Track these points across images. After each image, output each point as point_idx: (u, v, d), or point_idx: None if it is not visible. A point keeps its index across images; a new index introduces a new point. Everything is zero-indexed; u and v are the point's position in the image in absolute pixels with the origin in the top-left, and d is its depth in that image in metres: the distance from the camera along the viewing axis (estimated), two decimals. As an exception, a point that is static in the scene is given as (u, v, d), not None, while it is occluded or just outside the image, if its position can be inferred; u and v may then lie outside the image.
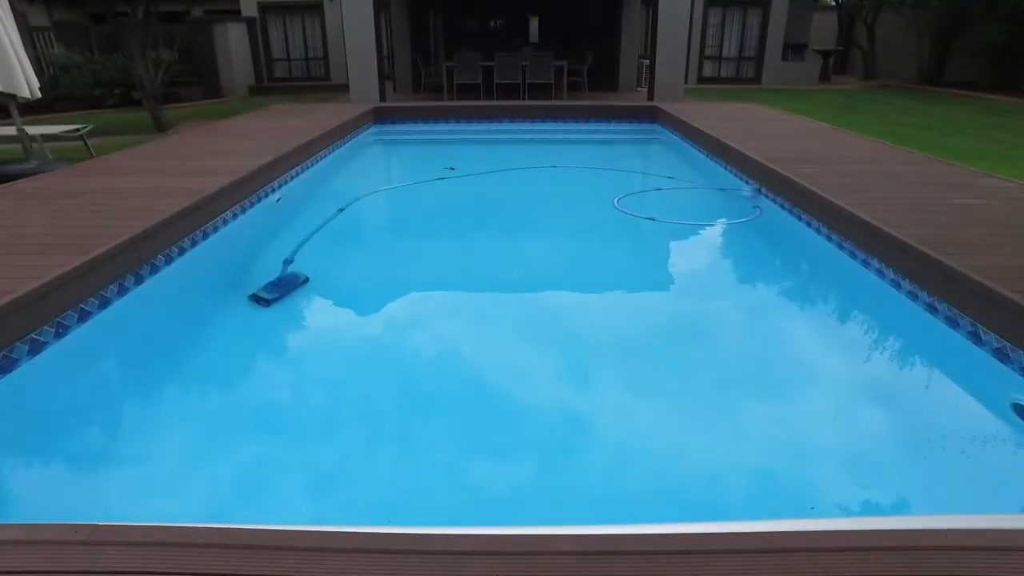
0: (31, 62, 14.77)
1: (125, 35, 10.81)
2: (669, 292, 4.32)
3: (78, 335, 3.33)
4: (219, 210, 4.93)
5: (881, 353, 3.49)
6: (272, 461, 2.49)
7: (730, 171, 6.61)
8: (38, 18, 17.76)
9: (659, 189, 6.29)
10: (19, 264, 3.41)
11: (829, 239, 4.60)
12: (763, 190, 5.72)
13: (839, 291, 4.28)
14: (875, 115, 12.49)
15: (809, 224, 4.89)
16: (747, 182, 6.02)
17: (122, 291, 3.74)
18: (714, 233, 5.34)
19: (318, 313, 3.94)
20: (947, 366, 3.24)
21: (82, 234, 3.91)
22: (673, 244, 5.21)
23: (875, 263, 4.04)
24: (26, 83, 6.45)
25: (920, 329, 3.48)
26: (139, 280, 3.90)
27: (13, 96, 6.55)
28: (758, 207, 5.47)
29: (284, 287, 3.89)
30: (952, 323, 3.31)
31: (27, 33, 16.01)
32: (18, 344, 2.99)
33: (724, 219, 5.61)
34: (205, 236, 4.68)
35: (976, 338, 3.14)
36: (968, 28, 17.78)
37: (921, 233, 3.82)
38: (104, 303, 3.59)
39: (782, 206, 5.36)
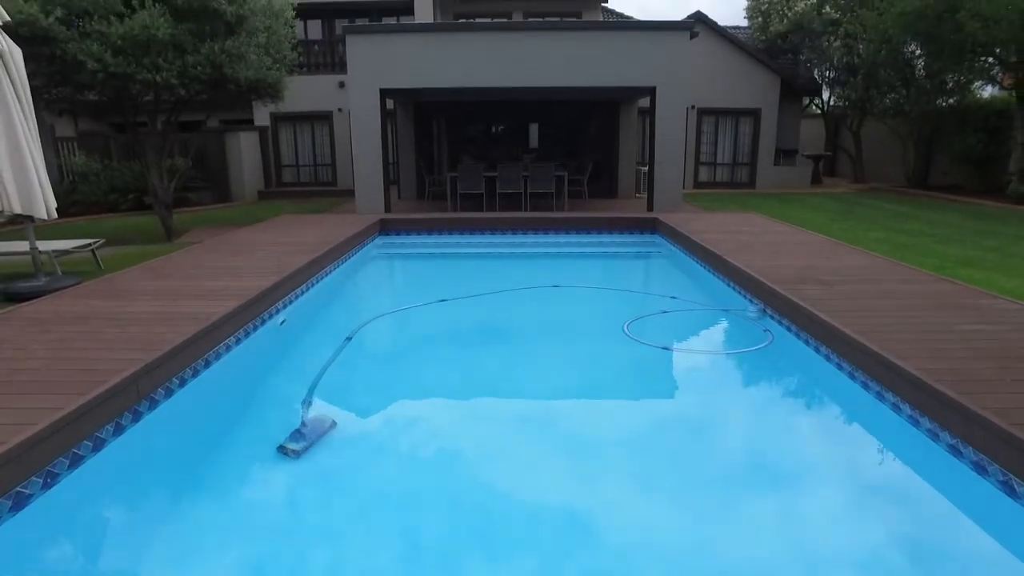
0: (55, 171, 15.30)
1: (143, 143, 11.23)
2: (685, 430, 4.18)
3: (68, 483, 3.19)
4: (223, 336, 4.89)
5: (904, 502, 3.32)
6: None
7: (733, 288, 6.65)
8: (64, 128, 18.60)
9: (665, 312, 6.29)
10: (14, 407, 3.32)
11: (840, 368, 4.53)
12: (768, 310, 5.72)
13: (855, 428, 4.16)
14: (870, 220, 12.76)
15: (818, 350, 4.84)
16: (752, 302, 6.04)
17: (118, 430, 3.63)
18: (728, 364, 5.24)
19: (341, 458, 3.68)
20: (980, 518, 3.07)
21: (82, 368, 3.85)
22: (687, 376, 5.11)
23: (890, 396, 3.95)
24: (44, 205, 6.61)
25: (946, 475, 3.34)
26: (137, 417, 3.80)
27: (31, 216, 6.70)
28: (768, 331, 5.44)
29: (311, 434, 3.67)
30: (980, 470, 3.18)
31: (53, 144, 16.73)
32: (0, 500, 2.86)
33: (737, 347, 5.55)
34: (207, 364, 4.62)
35: (1009, 489, 3.00)
36: (947, 136, 18.63)
37: (935, 367, 3.75)
38: (98, 445, 3.47)
39: (788, 329, 5.34)
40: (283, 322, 5.76)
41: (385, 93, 11.66)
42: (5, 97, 6.34)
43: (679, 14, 68.89)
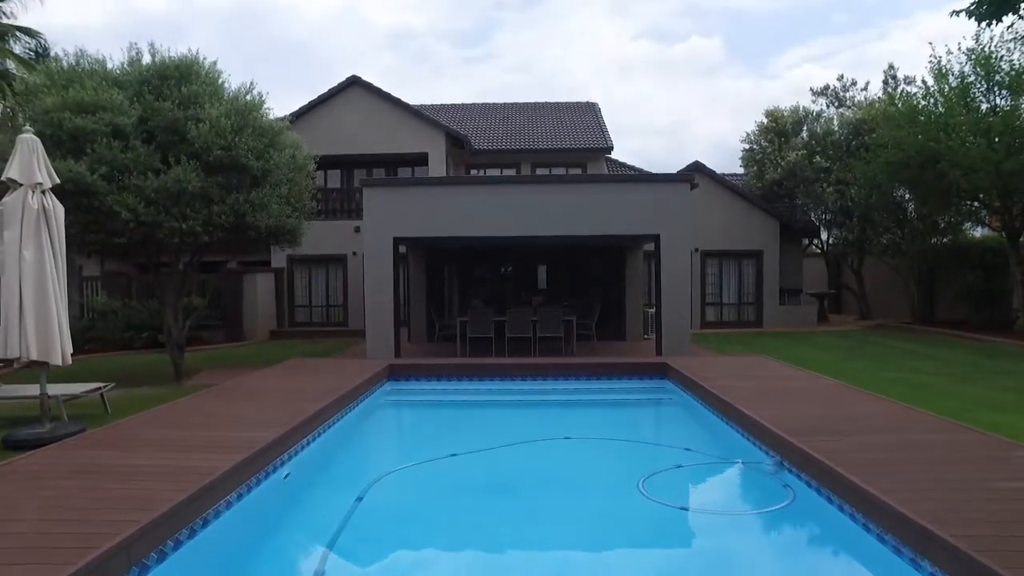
0: (76, 308, 15.71)
1: (163, 283, 11.58)
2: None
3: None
4: (224, 492, 4.72)
5: None
6: None
7: (747, 439, 6.46)
8: (91, 268, 19.32)
9: (680, 466, 6.09)
10: (-7, 583, 3.15)
11: (867, 529, 4.26)
12: (785, 463, 5.51)
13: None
14: (881, 359, 12.67)
15: (842, 509, 4.59)
16: (768, 454, 5.84)
17: (100, 604, 3.40)
18: (749, 524, 4.96)
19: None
20: None
21: (73, 532, 3.70)
22: (707, 539, 4.83)
23: (927, 565, 3.68)
24: (60, 352, 6.70)
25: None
26: (123, 588, 3.58)
27: (45, 363, 6.76)
28: (788, 487, 5.20)
29: None
30: (1039, 660, 2.88)
31: (78, 283, 17.32)
32: None
33: (758, 506, 5.30)
34: (205, 524, 4.41)
35: None
36: (946, 273, 18.98)
37: (974, 534, 3.53)
38: (76, 625, 3.23)
39: (809, 484, 5.11)
40: (287, 476, 5.58)
41: (398, 241, 12.16)
42: (42, 251, 6.65)
43: (678, 159, 73.53)
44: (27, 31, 16.17)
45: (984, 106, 15.54)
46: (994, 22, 8.35)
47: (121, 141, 9.62)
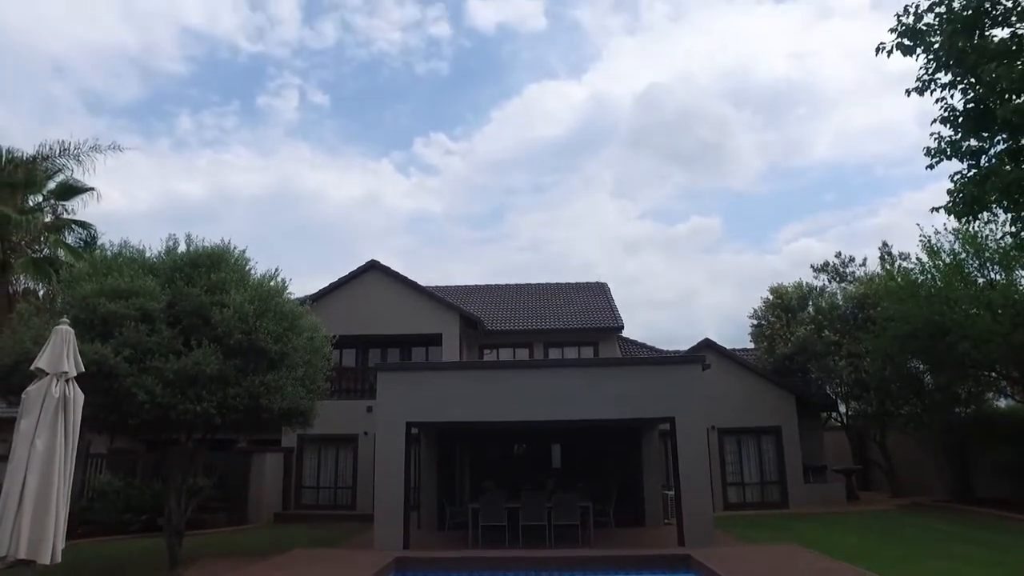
0: (77, 487, 15.32)
1: (170, 462, 11.31)
2: None
3: None
4: None
5: None
6: None
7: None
8: (98, 445, 19.06)
9: None
10: None
11: None
12: None
13: None
14: (923, 545, 11.75)
15: None
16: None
17: None
18: None
19: None
20: None
21: None
22: None
23: None
24: (51, 550, 6.40)
25: None
26: None
27: (32, 561, 6.42)
28: None
29: None
30: None
31: (84, 461, 16.95)
32: None
33: None
34: None
35: None
36: (977, 446, 18.10)
37: None
38: None
39: None
40: None
41: (411, 425, 12.02)
42: (55, 440, 6.62)
43: (686, 331, 74.42)
44: (81, 223, 17.60)
45: (980, 280, 15.93)
46: (971, 218, 8.87)
47: (148, 325, 9.99)
